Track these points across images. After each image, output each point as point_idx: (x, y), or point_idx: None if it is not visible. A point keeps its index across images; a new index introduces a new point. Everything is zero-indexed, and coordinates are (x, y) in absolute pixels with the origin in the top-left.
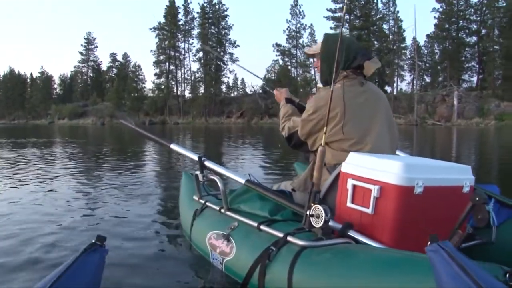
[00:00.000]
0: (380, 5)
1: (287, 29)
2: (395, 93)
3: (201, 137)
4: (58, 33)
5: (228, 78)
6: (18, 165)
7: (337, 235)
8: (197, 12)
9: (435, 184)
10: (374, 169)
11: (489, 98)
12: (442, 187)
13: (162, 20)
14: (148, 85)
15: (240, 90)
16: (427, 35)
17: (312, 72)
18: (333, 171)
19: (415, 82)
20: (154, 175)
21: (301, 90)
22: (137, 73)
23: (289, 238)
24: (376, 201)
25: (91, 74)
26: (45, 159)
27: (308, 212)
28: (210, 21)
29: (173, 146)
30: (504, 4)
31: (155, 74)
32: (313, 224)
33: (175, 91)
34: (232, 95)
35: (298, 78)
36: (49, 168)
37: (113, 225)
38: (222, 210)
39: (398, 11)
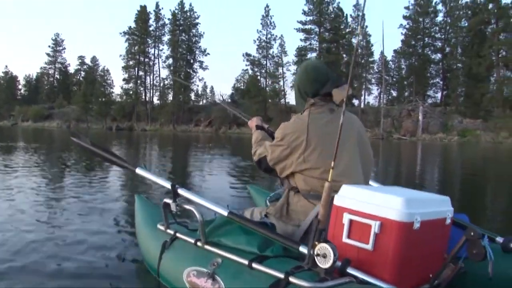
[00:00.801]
0: (349, 19)
1: (257, 39)
2: (362, 106)
3: (169, 145)
4: (25, 33)
5: (197, 86)
6: None
7: (336, 272)
8: (168, 19)
9: (428, 218)
10: (373, 204)
11: (453, 114)
12: (432, 221)
13: (133, 25)
14: (116, 90)
15: (209, 99)
16: (394, 51)
17: (281, 83)
18: (311, 198)
19: (382, 96)
20: (113, 188)
21: (269, 100)
22: (106, 77)
23: (292, 279)
24: (376, 237)
25: (58, 76)
26: (5, 166)
27: (312, 251)
28: (181, 28)
29: (139, 171)
30: (466, 24)
31: (124, 79)
32: (318, 263)
33: (143, 97)
34: (201, 103)
35: (267, 88)
36: (8, 176)
37: (64, 245)
38: (199, 243)
39: (367, 26)
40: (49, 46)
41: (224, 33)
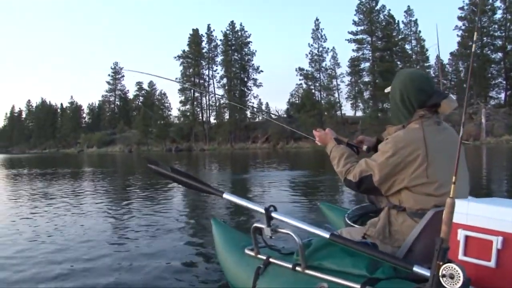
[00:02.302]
0: (401, 25)
1: (309, 53)
2: None
3: (228, 163)
4: (86, 63)
5: (253, 103)
6: (51, 197)
7: None
8: (220, 40)
9: None
10: (493, 218)
11: None
12: None
13: (186, 48)
14: (174, 112)
15: (265, 115)
16: (451, 53)
17: (336, 95)
18: (416, 217)
19: None
20: (182, 211)
21: (325, 113)
22: (163, 100)
23: None
24: (498, 253)
25: (118, 103)
26: (73, 190)
27: (436, 272)
28: (233, 48)
29: (226, 196)
30: None
31: (181, 102)
32: (444, 285)
33: (200, 117)
34: (257, 120)
35: (322, 101)
36: (77, 200)
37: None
38: (299, 268)
39: (420, 31)
40: (108, 75)
41: (276, 49)
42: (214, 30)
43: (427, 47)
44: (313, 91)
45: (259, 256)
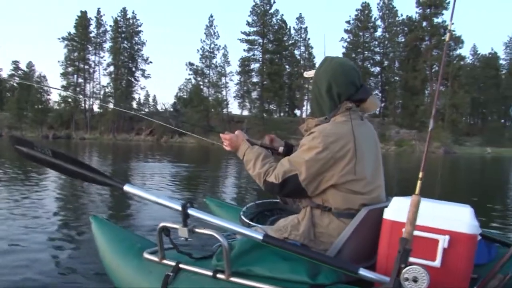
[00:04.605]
0: (292, 31)
1: (201, 48)
2: (304, 116)
3: (109, 154)
4: None
5: (139, 94)
6: None
7: None
8: (110, 26)
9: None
10: (439, 217)
11: (390, 125)
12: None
13: (73, 30)
14: (54, 97)
15: (152, 108)
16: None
17: (224, 93)
18: (343, 217)
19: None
20: (55, 212)
21: (212, 110)
22: (42, 83)
23: None
24: (444, 252)
25: None
26: None
27: (397, 275)
28: (123, 35)
29: (128, 189)
30: (402, 40)
31: (62, 86)
32: None
33: (82, 105)
34: (143, 112)
35: (210, 98)
36: None
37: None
38: (221, 276)
39: (309, 38)
40: None
41: (168, 42)
42: (104, 14)
43: (314, 54)
44: (201, 87)
45: (165, 261)
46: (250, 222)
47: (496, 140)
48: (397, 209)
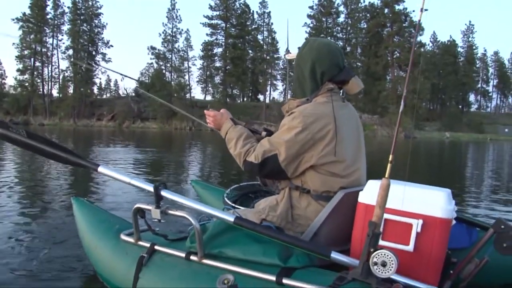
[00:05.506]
0: (256, 16)
1: (163, 32)
2: (267, 101)
3: (69, 140)
4: None
5: (100, 79)
6: None
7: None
8: (68, 7)
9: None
10: (413, 201)
11: None
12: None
13: (28, 11)
14: (10, 81)
15: (113, 92)
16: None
17: (187, 77)
18: (321, 200)
19: (286, 91)
20: (30, 192)
21: (175, 95)
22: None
23: None
24: (417, 236)
25: None
26: None
27: (366, 259)
28: (82, 17)
29: (102, 170)
30: (365, 26)
31: (18, 70)
32: (375, 273)
33: (40, 89)
34: (104, 96)
35: (173, 82)
36: None
37: None
38: (194, 258)
39: (272, 23)
40: None
41: (129, 25)
42: None
43: (277, 39)
44: (164, 71)
45: (141, 243)
46: (233, 205)
47: (454, 125)
48: (371, 193)
